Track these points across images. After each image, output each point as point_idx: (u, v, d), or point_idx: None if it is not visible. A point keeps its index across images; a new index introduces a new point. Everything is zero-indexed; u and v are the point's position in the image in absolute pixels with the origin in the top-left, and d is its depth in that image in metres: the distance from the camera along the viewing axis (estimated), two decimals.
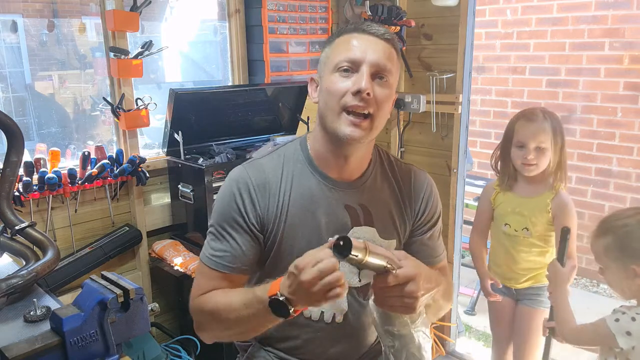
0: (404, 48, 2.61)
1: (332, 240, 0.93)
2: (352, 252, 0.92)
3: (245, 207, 1.15)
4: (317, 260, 0.91)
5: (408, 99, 2.65)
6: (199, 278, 1.21)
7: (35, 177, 1.93)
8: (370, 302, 1.10)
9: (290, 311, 0.96)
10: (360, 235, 1.20)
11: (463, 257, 3.61)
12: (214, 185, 2.08)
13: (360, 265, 0.96)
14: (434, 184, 1.33)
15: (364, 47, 1.10)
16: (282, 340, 1.27)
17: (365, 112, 1.09)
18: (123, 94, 2.12)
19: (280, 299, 0.96)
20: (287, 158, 1.21)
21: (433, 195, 1.31)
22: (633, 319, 1.38)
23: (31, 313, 1.15)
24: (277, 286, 0.97)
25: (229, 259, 1.16)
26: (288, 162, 1.21)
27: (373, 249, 0.96)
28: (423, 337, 1.10)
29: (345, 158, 1.17)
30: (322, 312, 1.22)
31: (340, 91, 1.09)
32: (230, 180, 1.19)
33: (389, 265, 0.97)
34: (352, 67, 1.09)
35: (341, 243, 0.91)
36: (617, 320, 1.41)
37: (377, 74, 1.10)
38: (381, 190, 1.24)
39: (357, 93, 1.07)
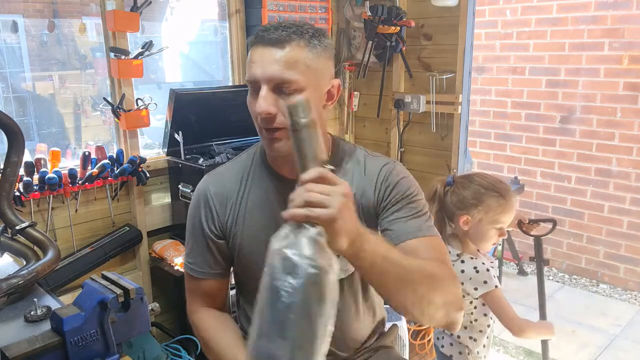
0: (404, 48, 2.62)
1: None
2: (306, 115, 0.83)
3: (206, 217, 1.20)
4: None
5: (408, 99, 2.65)
6: (187, 285, 1.27)
7: (36, 177, 1.93)
8: None
9: None
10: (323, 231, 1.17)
11: None
12: None
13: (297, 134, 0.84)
14: (396, 167, 1.19)
15: (261, 63, 1.04)
16: None
17: (274, 127, 1.05)
18: (123, 94, 2.13)
19: None
20: (248, 162, 1.24)
21: (391, 178, 1.17)
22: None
23: (32, 313, 1.16)
24: None
25: (200, 265, 1.22)
26: (248, 166, 1.23)
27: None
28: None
29: (293, 160, 1.17)
30: None
31: (254, 113, 1.07)
32: (196, 191, 1.24)
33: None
34: (256, 88, 1.06)
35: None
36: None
37: (279, 87, 1.04)
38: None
39: (258, 115, 1.05)
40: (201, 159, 2.27)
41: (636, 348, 2.95)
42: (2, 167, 1.50)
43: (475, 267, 1.66)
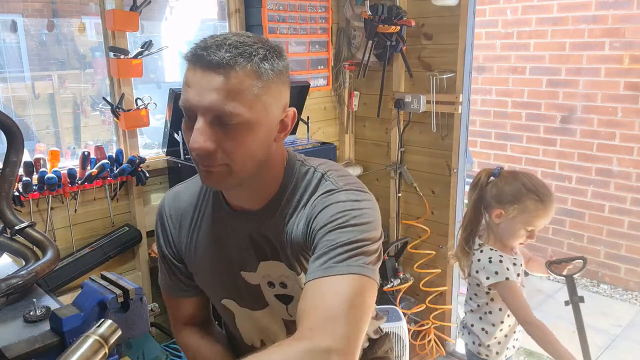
0: (404, 48, 2.61)
1: None
2: None
3: (163, 239, 1.15)
4: None
5: (408, 98, 2.64)
6: (165, 304, 1.25)
7: (35, 177, 1.93)
8: None
9: None
10: (268, 271, 1.06)
11: None
12: None
13: None
14: (334, 195, 0.96)
15: (197, 89, 0.87)
16: None
17: (210, 165, 0.91)
18: (123, 93, 2.12)
19: None
20: (204, 185, 1.11)
21: (316, 208, 0.96)
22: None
23: (31, 313, 1.15)
24: None
25: (172, 286, 1.19)
26: (204, 190, 1.12)
27: None
28: None
29: (239, 193, 1.03)
30: (262, 340, 1.17)
31: (188, 142, 0.91)
32: (157, 210, 1.18)
33: None
34: (190, 116, 0.90)
35: None
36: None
37: (218, 120, 0.87)
38: (288, 217, 1.01)
39: (192, 151, 0.90)
40: None
41: (637, 348, 2.95)
42: (1, 167, 1.49)
43: (490, 257, 1.70)
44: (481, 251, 1.74)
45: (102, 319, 0.90)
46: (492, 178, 1.73)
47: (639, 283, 3.61)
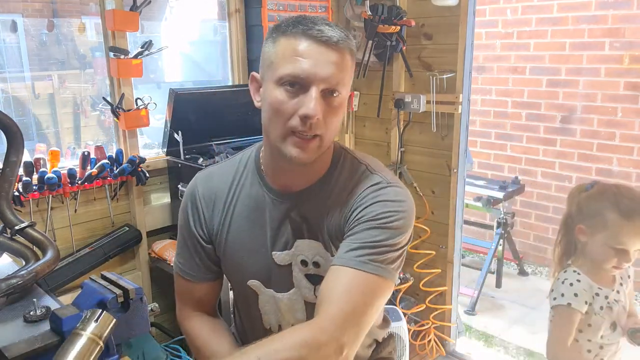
0: (404, 48, 2.61)
1: None
2: None
3: (193, 219, 1.17)
4: None
5: (408, 98, 2.64)
6: (176, 287, 1.25)
7: (35, 177, 1.93)
8: None
9: None
10: (303, 249, 1.10)
11: (463, 257, 3.61)
12: None
13: None
14: (384, 190, 1.04)
15: (314, 61, 0.93)
16: None
17: (313, 134, 0.97)
18: (123, 93, 2.12)
19: None
20: (241, 165, 1.16)
21: (366, 199, 1.03)
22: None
23: (31, 313, 1.15)
24: None
25: (191, 268, 1.20)
26: (241, 169, 1.15)
27: None
28: None
29: (292, 171, 1.07)
30: (280, 325, 1.19)
31: (286, 112, 0.95)
32: (186, 190, 1.20)
33: None
34: (300, 85, 0.94)
35: None
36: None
37: (328, 90, 0.96)
38: (329, 201, 1.07)
39: (305, 118, 0.94)
40: (201, 159, 2.27)
41: (637, 348, 2.94)
42: (1, 167, 1.49)
43: (566, 278, 1.56)
44: (565, 271, 1.59)
45: (93, 309, 0.90)
46: (582, 193, 1.60)
47: (639, 283, 3.61)
